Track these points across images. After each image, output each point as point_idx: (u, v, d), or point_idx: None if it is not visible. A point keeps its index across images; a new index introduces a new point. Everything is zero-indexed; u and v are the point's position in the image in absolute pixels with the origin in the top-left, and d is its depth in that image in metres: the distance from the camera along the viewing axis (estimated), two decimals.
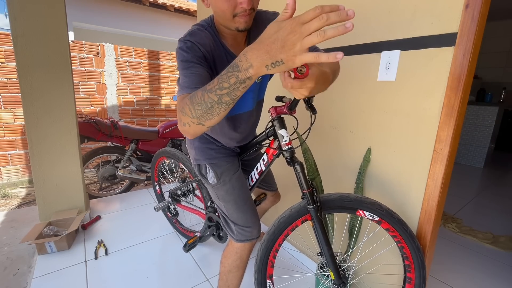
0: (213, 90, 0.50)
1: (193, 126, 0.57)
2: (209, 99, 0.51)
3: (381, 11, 1.03)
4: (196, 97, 0.53)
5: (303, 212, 0.93)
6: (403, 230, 0.89)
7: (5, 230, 1.89)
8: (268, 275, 0.99)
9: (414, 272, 0.90)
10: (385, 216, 0.89)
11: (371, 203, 0.90)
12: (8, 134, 2.79)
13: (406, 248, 0.90)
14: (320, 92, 0.56)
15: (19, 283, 1.39)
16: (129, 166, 2.48)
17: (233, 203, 0.97)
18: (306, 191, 0.88)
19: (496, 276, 1.51)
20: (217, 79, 0.49)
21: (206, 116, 0.53)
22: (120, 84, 3.39)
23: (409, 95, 0.98)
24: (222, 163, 0.99)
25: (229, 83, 0.47)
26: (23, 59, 1.55)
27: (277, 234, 0.95)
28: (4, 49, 2.64)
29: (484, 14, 0.80)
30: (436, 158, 0.91)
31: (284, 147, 0.89)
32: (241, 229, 0.97)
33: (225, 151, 1.03)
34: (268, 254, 0.97)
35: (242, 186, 1.01)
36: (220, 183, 0.98)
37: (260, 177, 1.06)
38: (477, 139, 3.63)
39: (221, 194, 0.98)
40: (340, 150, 1.26)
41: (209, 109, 0.52)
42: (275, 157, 0.98)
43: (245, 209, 0.98)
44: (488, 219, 2.19)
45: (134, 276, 1.38)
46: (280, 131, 0.89)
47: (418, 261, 0.90)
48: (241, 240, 0.97)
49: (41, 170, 1.71)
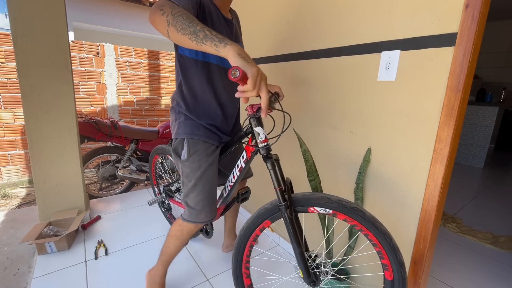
0: (196, 26, 0.61)
1: (160, 21, 0.67)
2: (189, 23, 0.62)
3: (381, 11, 1.03)
4: (187, 14, 0.65)
5: (275, 210, 0.95)
6: (360, 217, 0.84)
7: (5, 230, 1.89)
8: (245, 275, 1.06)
9: (388, 258, 0.83)
10: (337, 208, 0.86)
11: (318, 197, 0.88)
12: (8, 134, 2.79)
13: (371, 235, 0.84)
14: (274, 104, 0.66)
15: (19, 283, 1.39)
16: (129, 166, 2.48)
17: (193, 183, 1.04)
18: (276, 188, 0.89)
19: (496, 276, 1.51)
20: (204, 27, 0.61)
21: (176, 26, 0.64)
22: (120, 84, 3.39)
23: (409, 95, 0.98)
24: (199, 143, 1.04)
25: (207, 32, 0.61)
26: (23, 59, 1.55)
27: (252, 228, 1.01)
28: (4, 49, 2.64)
29: (484, 14, 0.80)
30: (436, 158, 0.91)
31: (260, 144, 0.91)
32: (190, 209, 1.07)
33: (207, 134, 1.06)
34: (244, 246, 1.03)
35: (208, 173, 1.06)
36: (189, 161, 1.04)
37: (241, 173, 1.10)
38: (477, 139, 3.63)
39: (186, 172, 1.05)
40: (340, 150, 1.26)
41: (181, 28, 0.63)
42: (253, 154, 1.02)
43: (201, 193, 1.05)
44: (488, 219, 2.19)
45: (134, 276, 1.38)
46: (256, 128, 0.92)
47: (387, 245, 0.82)
48: (185, 219, 1.08)
49: (41, 170, 1.71)
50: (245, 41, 1.85)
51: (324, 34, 1.27)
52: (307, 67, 1.39)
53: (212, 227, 1.40)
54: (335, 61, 1.24)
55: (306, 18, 1.36)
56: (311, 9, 1.33)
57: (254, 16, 1.74)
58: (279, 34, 1.55)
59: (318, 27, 1.30)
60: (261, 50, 1.72)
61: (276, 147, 1.65)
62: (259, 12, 1.70)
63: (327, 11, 1.25)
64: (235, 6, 1.92)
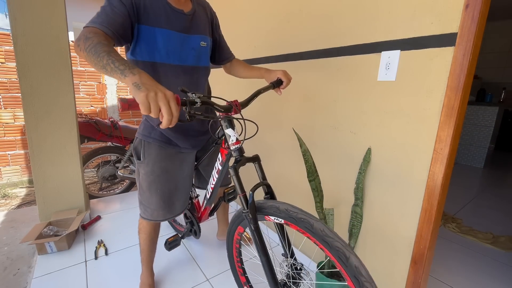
0: (103, 59, 0.64)
1: (81, 56, 0.72)
2: (98, 58, 0.65)
3: (381, 11, 1.03)
4: (93, 47, 0.67)
5: (242, 217, 0.94)
6: (307, 229, 0.75)
7: (5, 230, 1.89)
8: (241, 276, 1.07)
9: (351, 281, 0.68)
10: (286, 218, 0.80)
11: (268, 206, 0.84)
12: (8, 134, 2.79)
13: (326, 251, 0.72)
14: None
15: (19, 283, 1.39)
16: (129, 166, 2.48)
17: (148, 184, 1.08)
18: (240, 194, 0.86)
19: (496, 276, 1.51)
20: (109, 59, 0.63)
21: (91, 61, 0.67)
22: (120, 84, 3.39)
23: (409, 95, 0.98)
24: (153, 147, 1.06)
25: (112, 65, 0.62)
26: (23, 59, 1.55)
27: (231, 233, 1.04)
28: (4, 49, 2.64)
29: (484, 14, 0.80)
30: (436, 158, 0.91)
31: (232, 147, 0.89)
32: (145, 206, 1.11)
33: (163, 138, 1.05)
34: (231, 248, 1.05)
35: (162, 178, 1.08)
36: (143, 163, 1.07)
37: (220, 176, 1.10)
38: (477, 139, 3.63)
39: (141, 173, 1.09)
40: (340, 150, 1.26)
41: (94, 63, 0.66)
42: (228, 156, 1.00)
43: (154, 195, 1.09)
44: (488, 219, 2.19)
45: (134, 276, 1.38)
46: (227, 130, 0.89)
47: (344, 266, 0.68)
48: (142, 216, 1.14)
49: (41, 170, 1.71)
50: (245, 41, 1.85)
51: (324, 34, 1.27)
52: (307, 67, 1.39)
53: (199, 228, 1.42)
54: (335, 61, 1.24)
55: (306, 18, 1.36)
56: (311, 9, 1.33)
57: (254, 16, 1.74)
58: (279, 34, 1.55)
59: (318, 27, 1.30)
60: (261, 50, 1.72)
61: (276, 147, 1.65)
62: (259, 12, 1.70)
63: (327, 11, 1.25)
64: (236, 6, 1.93)
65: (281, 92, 1.07)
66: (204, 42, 1.05)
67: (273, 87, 1.04)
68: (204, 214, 1.35)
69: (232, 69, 1.28)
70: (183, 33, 0.97)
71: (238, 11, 1.91)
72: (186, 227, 1.47)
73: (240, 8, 1.89)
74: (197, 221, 1.39)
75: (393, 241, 1.08)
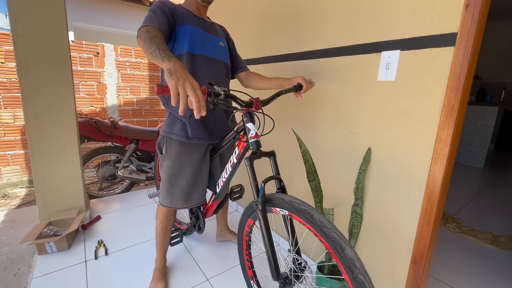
0: (152, 46, 0.80)
1: (141, 42, 0.87)
2: (150, 46, 0.80)
3: (381, 11, 1.03)
4: (149, 38, 0.83)
5: (253, 208, 0.98)
6: (308, 220, 0.78)
7: (5, 230, 1.89)
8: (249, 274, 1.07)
9: (345, 272, 0.71)
10: (290, 209, 0.84)
11: (275, 198, 0.90)
12: (8, 134, 2.79)
13: (324, 242, 0.76)
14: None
15: (19, 283, 1.39)
16: (129, 166, 2.48)
17: (168, 176, 1.19)
18: (252, 184, 0.92)
19: (496, 276, 1.51)
20: (158, 47, 0.78)
21: (144, 48, 0.83)
22: (120, 84, 3.39)
23: (409, 95, 0.98)
24: (174, 143, 1.16)
25: (157, 52, 0.77)
26: (23, 59, 1.55)
27: (241, 226, 1.09)
28: (4, 49, 2.64)
29: (484, 14, 0.80)
30: (436, 158, 0.91)
31: (251, 140, 0.95)
32: (165, 195, 1.22)
33: (184, 132, 1.14)
34: (241, 240, 1.09)
35: (185, 171, 1.18)
36: (165, 157, 1.19)
37: (234, 169, 1.15)
38: (477, 139, 3.63)
39: (164, 165, 1.20)
40: (340, 150, 1.26)
41: (146, 50, 0.82)
42: (245, 150, 1.05)
43: (174, 186, 1.20)
44: (488, 219, 2.19)
45: (134, 276, 1.38)
46: (248, 124, 0.95)
47: (340, 256, 0.72)
48: (162, 204, 1.24)
49: (41, 170, 1.71)
50: (245, 42, 1.85)
51: (324, 34, 1.27)
52: (307, 67, 1.39)
53: (204, 223, 1.43)
54: (335, 61, 1.24)
55: (306, 18, 1.36)
56: (311, 9, 1.33)
57: (254, 16, 1.74)
58: (279, 34, 1.55)
59: (318, 27, 1.30)
60: (261, 50, 1.72)
61: (275, 147, 1.65)
62: (259, 12, 1.70)
63: (327, 11, 1.25)
64: (236, 5, 1.93)
65: (301, 97, 1.14)
66: (222, 43, 1.21)
67: (296, 90, 1.10)
68: (210, 209, 1.39)
69: (250, 80, 1.32)
70: (205, 32, 1.14)
71: (238, 11, 1.91)
72: (191, 221, 1.50)
73: (240, 9, 1.89)
74: (203, 215, 1.43)
75: (393, 241, 1.08)
